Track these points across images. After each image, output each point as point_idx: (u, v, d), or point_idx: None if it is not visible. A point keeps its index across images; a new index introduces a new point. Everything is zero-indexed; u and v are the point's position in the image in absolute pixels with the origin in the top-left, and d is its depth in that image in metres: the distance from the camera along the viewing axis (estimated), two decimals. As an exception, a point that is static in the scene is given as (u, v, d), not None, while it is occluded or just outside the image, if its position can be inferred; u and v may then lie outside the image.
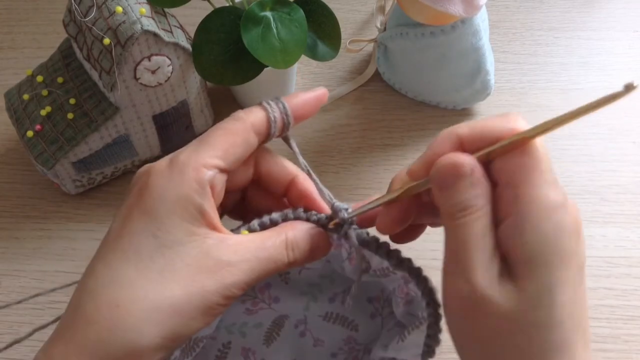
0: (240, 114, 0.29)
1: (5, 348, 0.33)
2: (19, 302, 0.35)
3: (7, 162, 0.50)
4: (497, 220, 0.25)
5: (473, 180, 0.25)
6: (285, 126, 0.29)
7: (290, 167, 0.31)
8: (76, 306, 0.25)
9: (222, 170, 0.28)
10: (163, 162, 0.27)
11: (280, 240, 0.28)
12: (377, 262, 0.30)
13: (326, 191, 0.29)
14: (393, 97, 0.54)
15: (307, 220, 0.29)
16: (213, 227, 0.27)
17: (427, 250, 0.35)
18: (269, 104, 0.29)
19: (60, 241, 0.46)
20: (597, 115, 0.53)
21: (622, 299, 0.43)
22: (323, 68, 0.56)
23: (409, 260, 0.28)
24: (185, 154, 0.27)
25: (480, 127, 0.26)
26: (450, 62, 0.47)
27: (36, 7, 0.60)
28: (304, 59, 0.45)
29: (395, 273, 0.30)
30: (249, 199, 0.33)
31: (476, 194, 0.24)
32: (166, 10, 0.42)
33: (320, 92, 0.30)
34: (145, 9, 0.39)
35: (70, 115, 0.43)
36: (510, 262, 0.24)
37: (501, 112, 0.52)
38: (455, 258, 0.25)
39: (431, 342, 0.29)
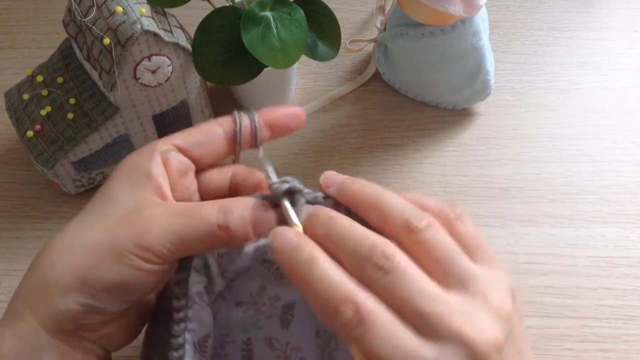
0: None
1: None
2: None
3: (7, 162, 0.50)
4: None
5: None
6: (254, 133, 0.31)
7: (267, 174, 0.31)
8: None
9: (181, 150, 0.30)
10: None
11: (213, 204, 0.28)
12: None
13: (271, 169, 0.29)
14: (393, 97, 0.54)
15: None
16: (159, 192, 0.28)
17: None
18: (239, 113, 0.31)
19: (60, 241, 0.46)
20: (597, 115, 0.53)
21: (622, 299, 0.43)
22: (323, 68, 0.56)
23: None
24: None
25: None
26: (450, 62, 0.47)
27: (36, 7, 0.60)
28: (304, 59, 0.45)
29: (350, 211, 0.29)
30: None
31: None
32: (166, 10, 0.42)
33: (294, 108, 0.32)
34: (145, 9, 0.39)
35: (70, 115, 0.43)
36: None
37: (501, 112, 0.52)
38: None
39: None
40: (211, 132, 0.30)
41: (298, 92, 0.54)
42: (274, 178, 0.28)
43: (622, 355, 0.40)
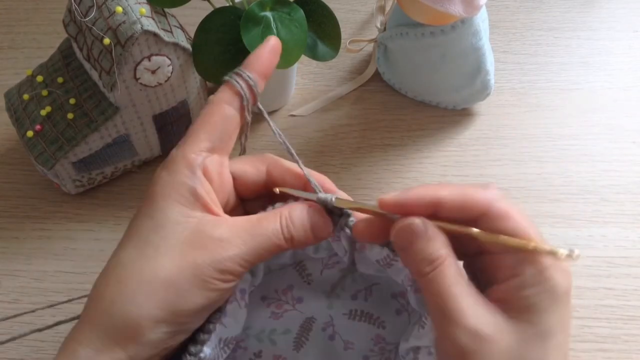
0: (210, 97, 0.31)
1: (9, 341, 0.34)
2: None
3: (7, 162, 0.50)
4: (484, 283, 0.27)
5: (429, 235, 0.26)
6: (254, 90, 0.31)
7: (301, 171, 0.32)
8: (93, 288, 0.28)
9: (212, 151, 0.30)
10: (165, 161, 0.30)
11: (274, 217, 0.29)
12: (377, 252, 0.30)
13: (313, 182, 0.30)
14: (393, 97, 0.54)
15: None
16: (208, 210, 0.28)
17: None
18: (231, 76, 0.31)
19: (60, 241, 0.46)
20: (597, 115, 0.53)
21: (622, 299, 0.43)
22: (323, 68, 0.56)
23: None
24: (176, 149, 0.29)
25: (461, 195, 0.27)
26: (450, 62, 0.47)
27: (36, 7, 0.60)
28: (304, 59, 0.45)
29: (397, 260, 0.30)
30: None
31: (437, 247, 0.26)
32: (166, 10, 0.42)
33: (271, 43, 0.32)
34: (145, 9, 0.39)
35: (70, 115, 0.43)
36: (506, 307, 0.25)
37: (501, 112, 0.52)
38: (442, 309, 0.25)
39: None
40: (225, 116, 0.30)
41: (298, 92, 0.54)
42: (319, 191, 0.30)
43: (622, 355, 0.40)
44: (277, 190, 0.31)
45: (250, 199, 0.33)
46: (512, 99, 0.53)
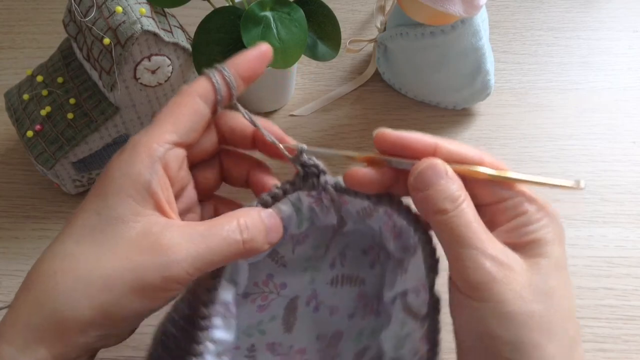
0: (184, 87, 0.29)
1: None
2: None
3: (7, 162, 0.50)
4: (491, 226, 0.27)
5: (450, 175, 0.27)
6: (232, 89, 0.30)
7: (247, 119, 0.31)
8: (25, 279, 0.26)
9: (177, 145, 0.28)
10: (124, 146, 0.28)
11: (230, 217, 0.27)
12: (358, 204, 0.31)
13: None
14: (393, 97, 0.54)
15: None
16: (160, 209, 0.27)
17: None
18: (210, 71, 0.29)
19: (60, 241, 0.46)
20: (597, 115, 0.53)
21: (622, 299, 0.43)
22: (323, 68, 0.56)
23: (387, 194, 0.29)
24: (139, 135, 0.28)
25: (457, 144, 0.28)
26: (450, 62, 0.47)
27: (36, 7, 0.60)
28: (304, 59, 0.45)
29: (377, 210, 0.31)
30: (227, 171, 0.33)
31: (458, 187, 0.27)
32: (166, 10, 0.42)
33: (261, 49, 0.31)
34: (145, 9, 0.39)
35: (70, 115, 0.43)
36: (515, 247, 0.27)
37: (501, 112, 0.52)
38: (466, 240, 0.26)
39: (430, 260, 0.29)
40: (195, 111, 0.29)
41: (298, 92, 0.54)
42: (271, 139, 0.30)
43: (622, 355, 0.40)
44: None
45: (202, 165, 0.32)
46: (512, 99, 0.53)
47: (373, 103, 0.53)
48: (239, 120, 0.31)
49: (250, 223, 0.28)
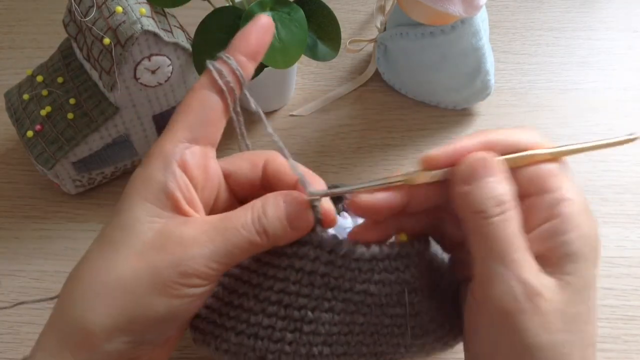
0: (192, 84, 0.29)
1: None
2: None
3: (7, 162, 0.50)
4: (526, 228, 0.25)
5: (503, 176, 0.25)
6: (239, 76, 0.28)
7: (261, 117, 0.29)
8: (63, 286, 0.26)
9: (193, 141, 0.27)
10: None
11: (245, 209, 0.26)
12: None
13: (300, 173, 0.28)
14: (393, 97, 0.54)
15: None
16: (179, 209, 0.26)
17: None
18: (212, 63, 0.28)
19: (60, 241, 0.46)
20: (597, 115, 0.53)
21: (622, 299, 0.43)
22: (323, 68, 0.56)
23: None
24: (155, 142, 0.27)
25: (509, 135, 0.26)
26: (450, 62, 0.47)
27: (36, 7, 0.60)
28: (304, 59, 0.45)
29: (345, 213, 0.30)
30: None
31: (507, 192, 0.25)
32: (166, 10, 0.42)
33: (260, 22, 0.29)
34: (145, 9, 0.39)
35: (70, 115, 0.43)
36: (547, 262, 0.25)
37: (501, 112, 0.52)
38: (501, 256, 0.24)
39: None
40: (204, 103, 0.28)
41: (298, 92, 0.54)
42: (308, 185, 0.27)
43: (622, 355, 0.40)
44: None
45: (247, 198, 0.29)
46: (512, 99, 0.53)
47: (373, 103, 0.53)
48: (285, 166, 0.29)
49: (268, 209, 0.26)
